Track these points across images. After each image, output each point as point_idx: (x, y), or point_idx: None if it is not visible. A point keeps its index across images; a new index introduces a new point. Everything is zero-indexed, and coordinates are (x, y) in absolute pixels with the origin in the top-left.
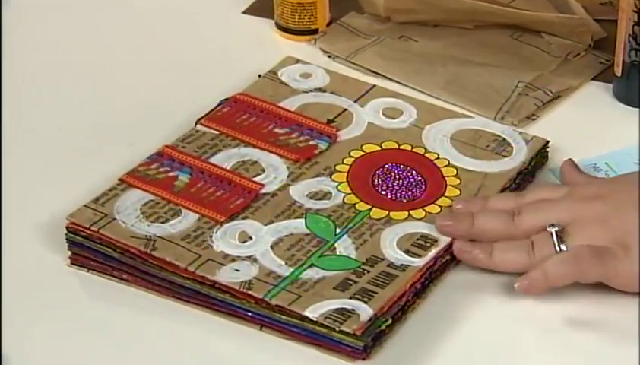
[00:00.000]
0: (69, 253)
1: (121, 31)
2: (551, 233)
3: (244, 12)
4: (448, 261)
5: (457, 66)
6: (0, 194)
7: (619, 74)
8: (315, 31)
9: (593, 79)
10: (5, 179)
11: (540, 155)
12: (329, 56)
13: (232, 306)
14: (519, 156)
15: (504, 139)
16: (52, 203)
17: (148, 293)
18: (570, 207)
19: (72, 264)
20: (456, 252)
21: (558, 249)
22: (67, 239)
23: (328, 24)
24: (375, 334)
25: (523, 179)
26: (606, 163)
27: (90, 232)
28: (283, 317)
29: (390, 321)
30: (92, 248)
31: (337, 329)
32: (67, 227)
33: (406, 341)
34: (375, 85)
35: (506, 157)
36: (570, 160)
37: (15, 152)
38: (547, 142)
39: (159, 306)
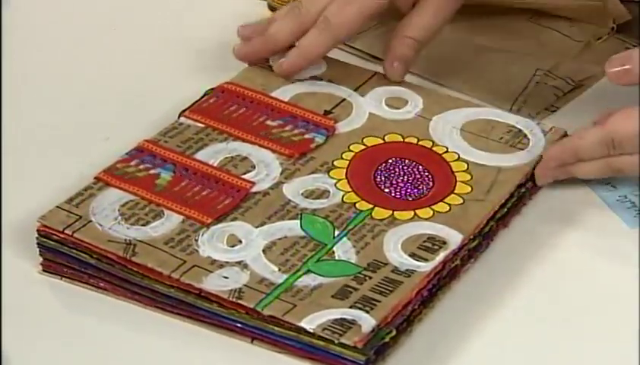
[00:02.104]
0: (40, 259)
1: (97, 14)
2: None
3: None
4: (457, 266)
5: (469, 52)
6: None
7: None
8: None
9: None
10: None
11: None
12: None
13: (220, 316)
14: (536, 148)
15: (519, 130)
16: (21, 204)
17: (128, 303)
18: None
19: (44, 271)
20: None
21: None
22: (38, 243)
23: None
24: (378, 347)
25: None
26: None
27: (63, 236)
28: (277, 328)
29: (394, 332)
30: (66, 253)
31: (336, 341)
32: (38, 231)
33: (411, 354)
34: (376, 72)
35: (522, 149)
36: None
37: None
38: (566, 133)
39: (140, 317)
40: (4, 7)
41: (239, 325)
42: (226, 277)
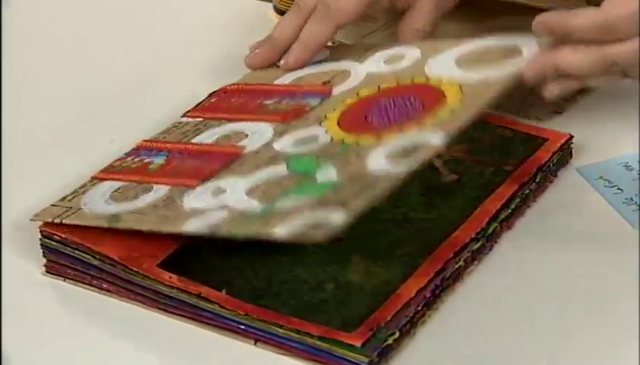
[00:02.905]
0: (43, 261)
1: (98, 14)
2: None
3: None
4: (461, 268)
5: None
6: None
7: None
8: None
9: None
10: None
11: (564, 151)
12: (333, 43)
13: (223, 318)
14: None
15: (516, 46)
16: (25, 205)
17: (130, 305)
18: None
19: (47, 272)
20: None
21: None
22: (41, 244)
23: None
24: (381, 350)
25: (543, 177)
26: (639, 162)
27: (65, 236)
28: (281, 330)
29: (397, 334)
30: (69, 254)
31: (306, 241)
32: (41, 232)
33: (414, 357)
34: (378, 45)
35: (514, 59)
36: None
37: None
38: (571, 137)
39: (142, 318)
40: (4, 7)
41: (242, 326)
42: (205, 218)
